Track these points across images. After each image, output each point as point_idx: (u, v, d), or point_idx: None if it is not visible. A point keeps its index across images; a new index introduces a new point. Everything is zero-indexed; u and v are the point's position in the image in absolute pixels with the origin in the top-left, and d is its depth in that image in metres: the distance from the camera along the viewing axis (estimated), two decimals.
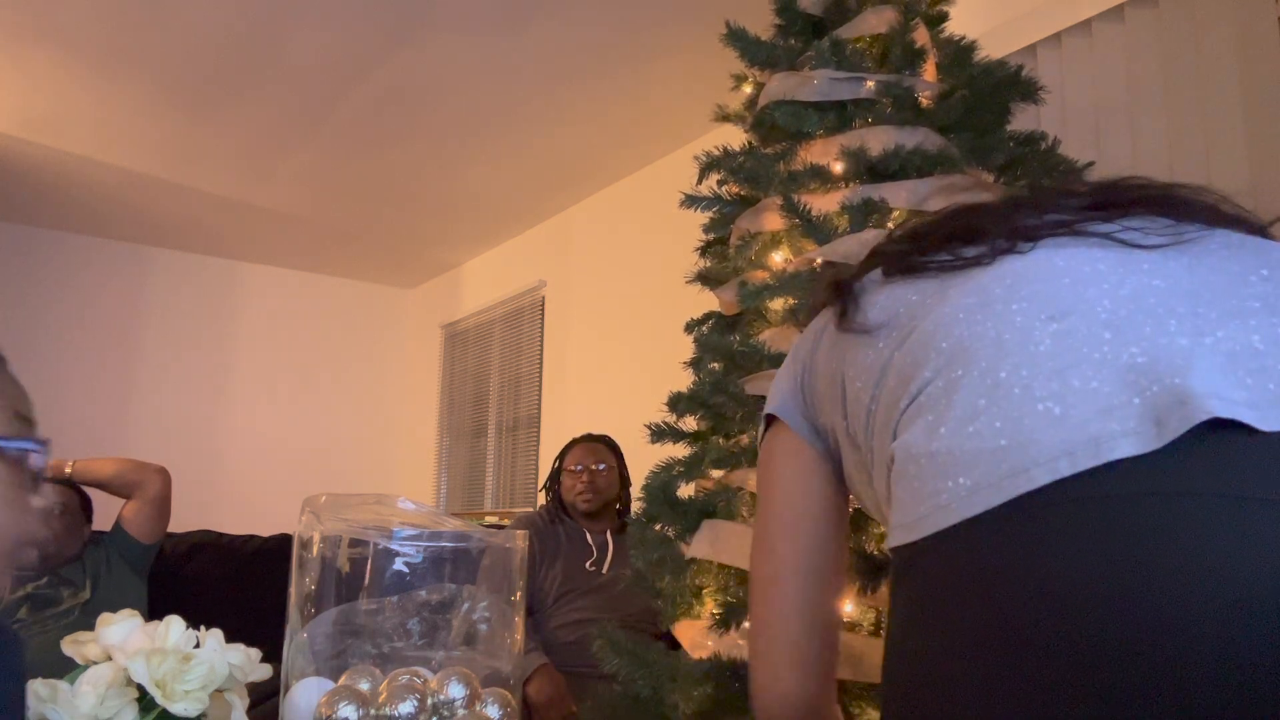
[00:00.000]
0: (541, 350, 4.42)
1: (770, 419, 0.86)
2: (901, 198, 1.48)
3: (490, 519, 4.28)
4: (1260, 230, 0.72)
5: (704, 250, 1.86)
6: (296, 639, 1.10)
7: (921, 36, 1.64)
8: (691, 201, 1.78)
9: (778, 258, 1.62)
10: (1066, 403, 0.55)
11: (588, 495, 2.59)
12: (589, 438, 2.74)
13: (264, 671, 1.02)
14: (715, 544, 1.46)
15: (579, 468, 2.62)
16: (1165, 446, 0.51)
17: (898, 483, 0.63)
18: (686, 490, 1.61)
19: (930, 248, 0.74)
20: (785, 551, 0.80)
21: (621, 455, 2.72)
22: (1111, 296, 0.60)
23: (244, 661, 0.99)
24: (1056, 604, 0.50)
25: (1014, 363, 0.59)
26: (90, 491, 2.56)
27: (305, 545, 1.11)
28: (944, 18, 1.77)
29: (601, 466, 2.63)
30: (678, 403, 1.64)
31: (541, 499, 2.80)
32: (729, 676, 1.30)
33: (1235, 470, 0.50)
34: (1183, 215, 0.70)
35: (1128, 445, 0.52)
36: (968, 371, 0.61)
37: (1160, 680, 0.46)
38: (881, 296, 0.75)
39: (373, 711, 0.99)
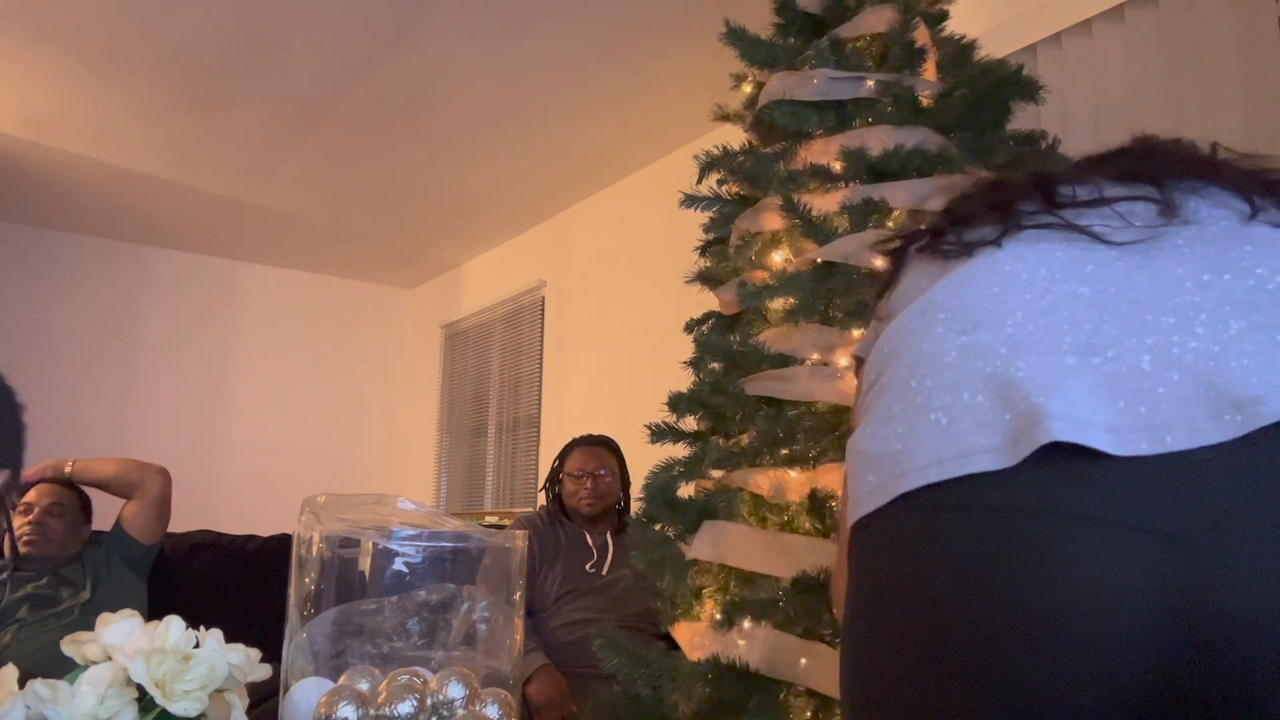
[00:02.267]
0: (541, 350, 4.41)
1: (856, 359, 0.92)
2: (901, 197, 1.48)
3: (490, 519, 4.28)
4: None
5: (704, 250, 1.86)
6: (296, 639, 1.10)
7: (922, 36, 1.64)
8: (691, 201, 1.78)
9: (778, 257, 1.62)
10: (952, 414, 0.60)
11: (590, 501, 2.59)
12: (589, 439, 2.73)
13: (264, 671, 1.02)
14: (716, 545, 1.46)
15: (580, 474, 2.62)
16: (1020, 463, 0.55)
17: (847, 473, 0.70)
18: (687, 490, 1.61)
19: (960, 222, 0.78)
20: None
21: (622, 456, 2.72)
22: (1026, 309, 0.64)
23: (244, 661, 0.98)
24: (913, 593, 0.57)
25: (923, 373, 0.65)
26: (90, 491, 2.56)
27: (305, 545, 1.11)
28: (944, 16, 1.77)
29: (603, 472, 2.62)
30: (678, 403, 1.64)
31: (541, 499, 2.80)
32: (729, 677, 1.30)
33: (1077, 491, 0.53)
34: (1199, 196, 0.70)
35: (987, 460, 0.56)
36: (892, 377, 0.68)
37: (986, 667, 0.53)
38: (905, 281, 0.80)
39: (372, 711, 0.99)
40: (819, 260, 1.49)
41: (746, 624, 1.36)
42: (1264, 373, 0.54)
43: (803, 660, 1.27)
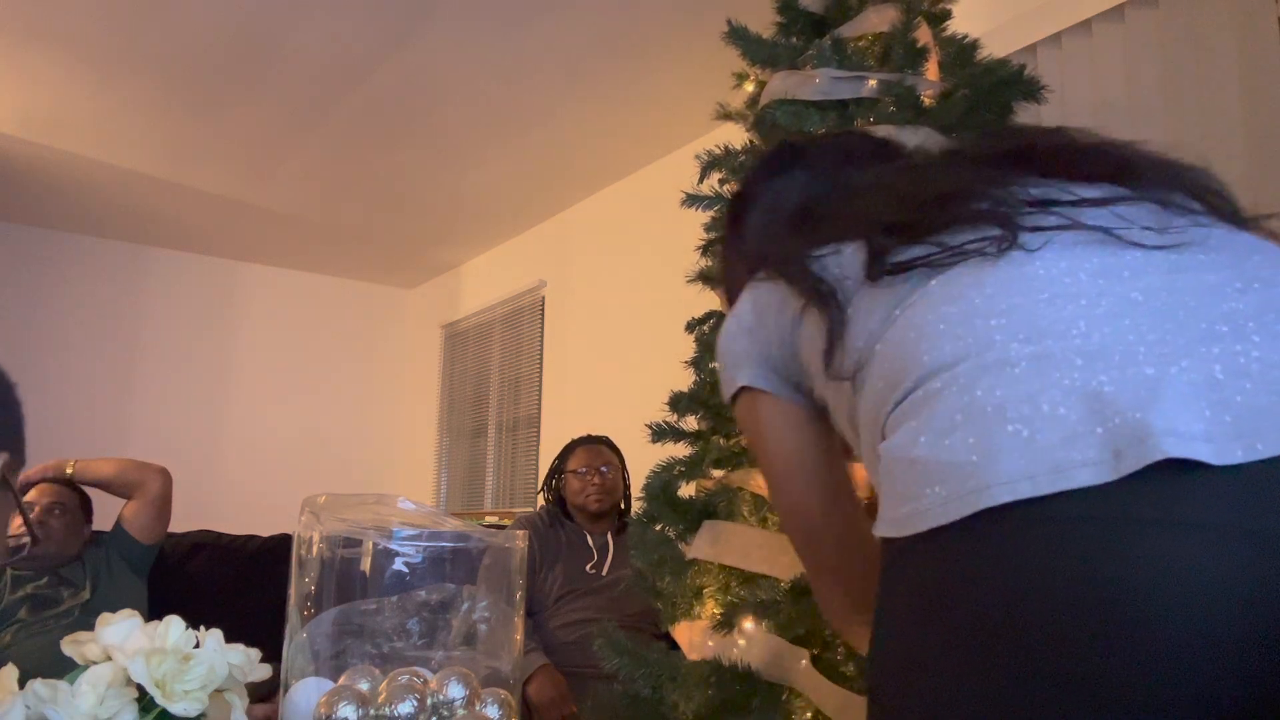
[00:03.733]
0: (541, 350, 4.41)
1: (742, 390, 0.93)
2: None
3: (490, 519, 4.28)
4: (1246, 223, 0.75)
5: (704, 250, 1.86)
6: (296, 639, 1.10)
7: (924, 35, 1.64)
8: (692, 201, 1.78)
9: None
10: (1034, 426, 0.59)
11: (598, 497, 2.59)
12: (590, 439, 2.73)
13: (264, 671, 1.02)
14: (716, 544, 1.46)
15: (585, 470, 2.62)
16: (1116, 479, 0.55)
17: (884, 480, 0.68)
18: (687, 490, 1.61)
19: (915, 227, 0.77)
20: (806, 501, 0.91)
21: (621, 455, 2.72)
22: (1087, 317, 0.64)
23: (244, 661, 0.98)
24: (1005, 608, 0.56)
25: (989, 382, 0.63)
26: (90, 491, 2.56)
27: (305, 545, 1.11)
28: (946, 15, 1.77)
29: (607, 468, 2.63)
30: (678, 402, 1.64)
31: (540, 500, 2.80)
32: (730, 679, 1.30)
33: (1182, 501, 0.54)
34: (1175, 203, 0.73)
35: (1086, 475, 0.56)
36: (947, 386, 0.65)
37: (1084, 676, 0.53)
38: (861, 315, 0.78)
39: (372, 711, 0.99)
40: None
41: (748, 625, 1.36)
42: None
43: (802, 664, 1.27)
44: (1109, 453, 0.56)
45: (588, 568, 2.55)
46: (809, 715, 1.27)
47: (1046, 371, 0.62)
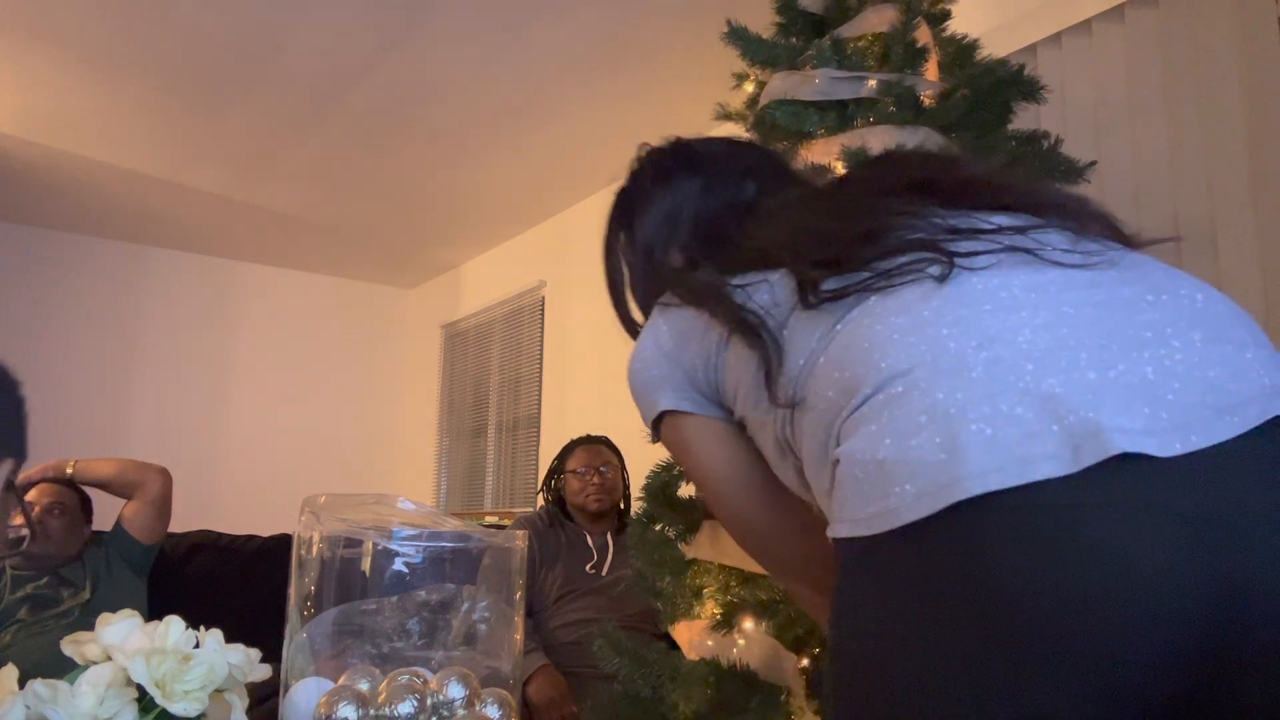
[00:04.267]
0: (541, 350, 4.41)
1: (665, 414, 0.97)
2: None
3: (490, 519, 4.28)
4: (1136, 244, 0.82)
5: None
6: (296, 639, 1.10)
7: (923, 35, 1.64)
8: None
9: None
10: (996, 425, 0.64)
11: (599, 496, 2.59)
12: (590, 439, 2.73)
13: (264, 671, 1.02)
14: (716, 544, 1.46)
15: (584, 470, 2.62)
16: (1077, 471, 0.61)
17: (844, 483, 0.72)
18: (687, 490, 1.61)
19: (848, 262, 0.81)
20: (743, 507, 0.96)
21: (621, 455, 2.72)
22: (1029, 325, 0.70)
23: (244, 661, 0.98)
24: (989, 590, 0.61)
25: (950, 385, 0.68)
26: (91, 492, 2.56)
27: (305, 545, 1.11)
28: (946, 16, 1.77)
29: (606, 468, 2.63)
30: None
31: (540, 500, 2.80)
32: (729, 679, 1.30)
33: (1138, 487, 0.61)
34: (1080, 227, 0.80)
35: (1049, 467, 0.61)
36: (908, 390, 0.70)
37: (1073, 646, 0.59)
38: (799, 338, 0.83)
39: (372, 711, 0.99)
40: None
41: (747, 625, 1.36)
42: (1237, 379, 0.65)
43: (801, 665, 1.27)
44: (1067, 448, 0.62)
45: (587, 568, 2.55)
46: (809, 715, 1.27)
47: (1001, 375, 0.67)
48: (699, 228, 1.03)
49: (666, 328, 0.97)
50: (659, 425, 0.99)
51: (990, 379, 0.67)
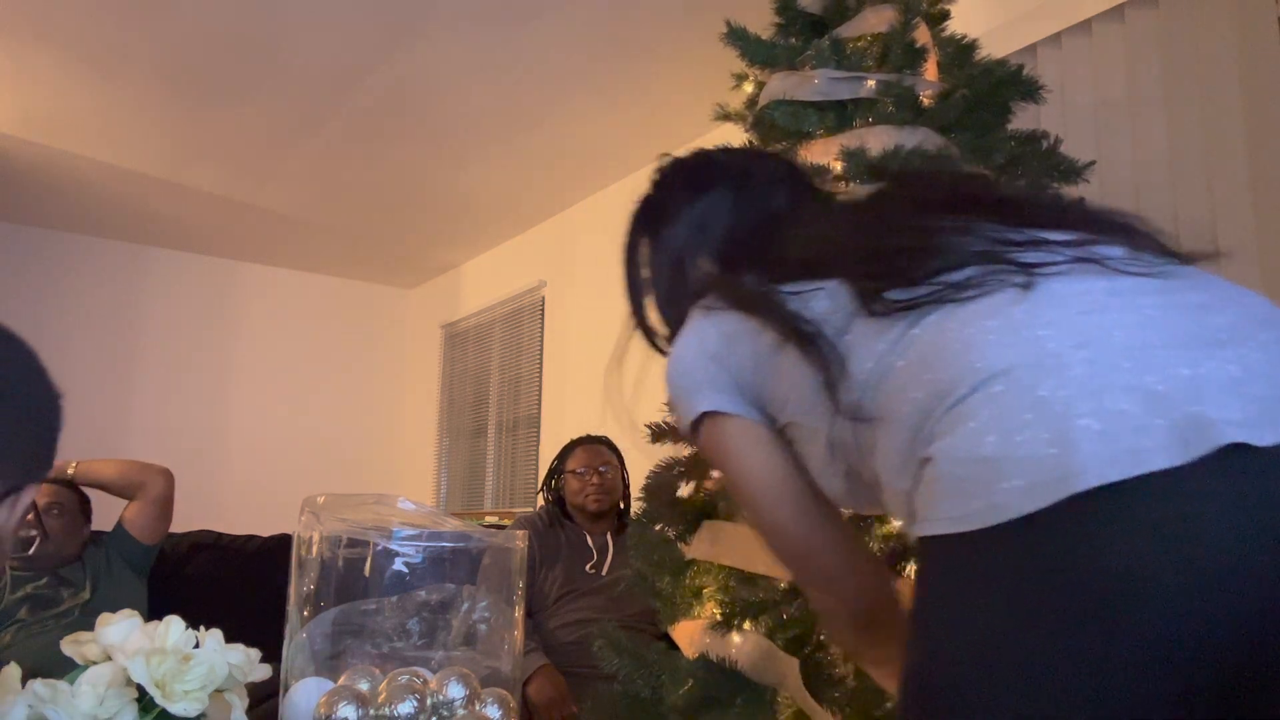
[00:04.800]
0: (541, 350, 4.41)
1: (705, 415, 0.97)
2: None
3: (490, 519, 4.28)
4: (1187, 258, 0.84)
5: None
6: (296, 639, 1.10)
7: (922, 35, 1.64)
8: None
9: None
10: (1103, 420, 0.66)
11: (598, 496, 2.59)
12: (589, 439, 2.73)
13: (264, 671, 1.02)
14: (715, 545, 1.46)
15: (584, 470, 2.61)
16: (1190, 461, 0.63)
17: (939, 480, 0.72)
18: (687, 490, 1.61)
19: (912, 274, 0.82)
20: (782, 512, 0.95)
21: (621, 455, 2.72)
22: (1121, 326, 0.72)
23: (244, 661, 0.98)
24: (1108, 580, 0.63)
25: (1052, 383, 0.69)
26: (91, 492, 2.56)
27: (305, 545, 1.11)
28: (945, 16, 1.77)
29: (606, 468, 2.62)
30: None
31: (540, 500, 2.80)
32: (716, 673, 1.30)
33: (1245, 476, 0.63)
34: (1137, 243, 0.82)
35: (1162, 458, 0.63)
36: (1009, 388, 0.71)
37: (1193, 631, 0.61)
38: (864, 343, 0.83)
39: (372, 711, 0.99)
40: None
41: (747, 625, 1.36)
42: None
43: (794, 670, 1.27)
44: (1177, 440, 0.64)
45: (587, 567, 2.55)
46: (792, 712, 1.27)
47: (1102, 372, 0.69)
48: (734, 236, 1.04)
49: (713, 329, 0.97)
50: (698, 427, 0.98)
51: (1092, 376, 0.69)
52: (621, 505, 2.70)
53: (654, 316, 1.13)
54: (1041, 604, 0.65)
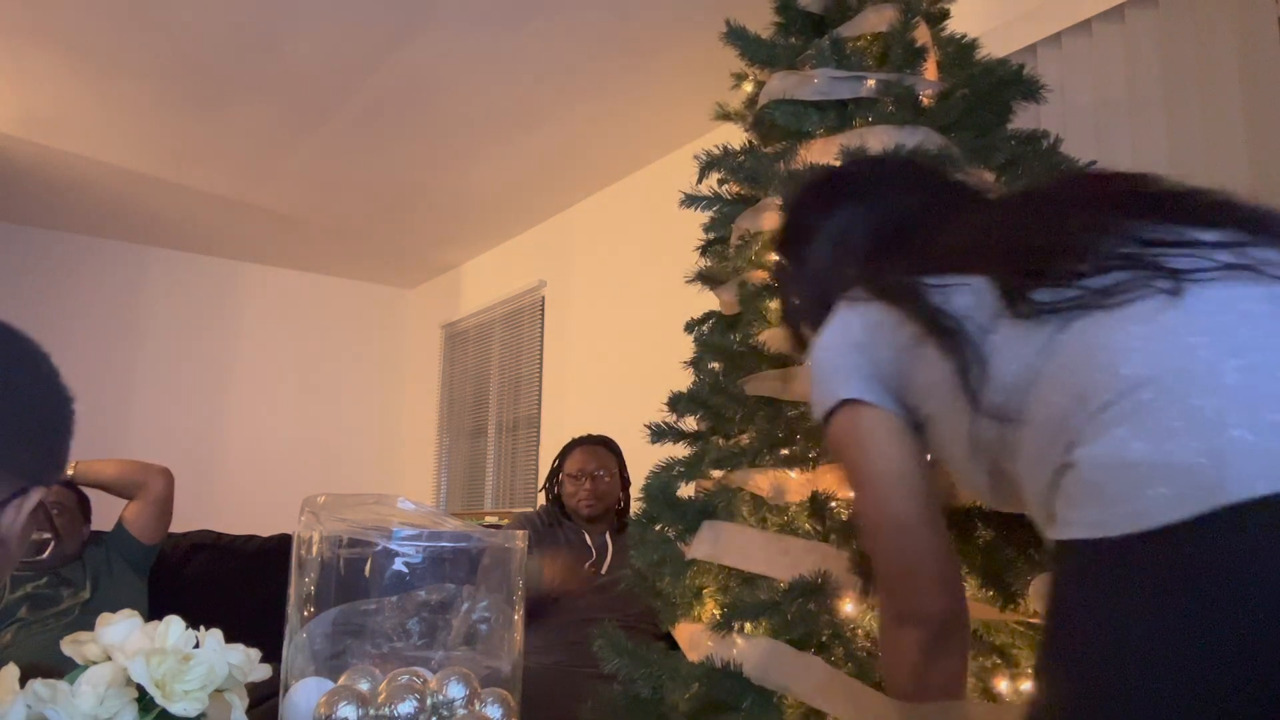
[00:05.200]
0: (541, 350, 4.41)
1: (845, 402, 0.97)
2: None
3: (490, 519, 4.28)
4: None
5: (704, 250, 1.86)
6: (296, 639, 1.10)
7: (922, 35, 1.64)
8: (691, 201, 1.78)
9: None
10: (1256, 431, 0.65)
11: (589, 502, 2.59)
12: (589, 439, 2.73)
13: (264, 671, 1.02)
14: (716, 545, 1.46)
15: (579, 475, 2.61)
16: None
17: (1081, 485, 0.72)
18: (687, 490, 1.61)
19: (1058, 275, 0.82)
20: (906, 510, 0.95)
21: (621, 456, 2.72)
22: (1276, 334, 0.71)
23: (244, 661, 0.98)
24: (1255, 593, 0.62)
25: (1204, 392, 0.69)
26: (91, 492, 2.56)
27: (305, 545, 1.11)
28: (945, 15, 1.77)
29: (602, 473, 2.62)
30: (678, 403, 1.64)
31: (541, 499, 2.80)
32: (720, 676, 1.30)
33: None
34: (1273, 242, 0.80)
35: None
36: (1159, 396, 0.70)
37: None
38: (1011, 347, 0.83)
39: (372, 711, 0.99)
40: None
41: (747, 626, 1.36)
42: None
43: (797, 670, 1.27)
44: None
45: (586, 566, 2.55)
46: (801, 715, 1.27)
47: (1257, 383, 0.68)
48: (874, 240, 1.05)
49: (857, 320, 0.98)
50: (834, 414, 0.98)
51: (1246, 387, 0.68)
52: (620, 505, 2.69)
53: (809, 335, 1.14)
54: (1185, 613, 0.64)
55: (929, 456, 0.99)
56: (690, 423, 1.67)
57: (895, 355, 0.94)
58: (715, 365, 1.63)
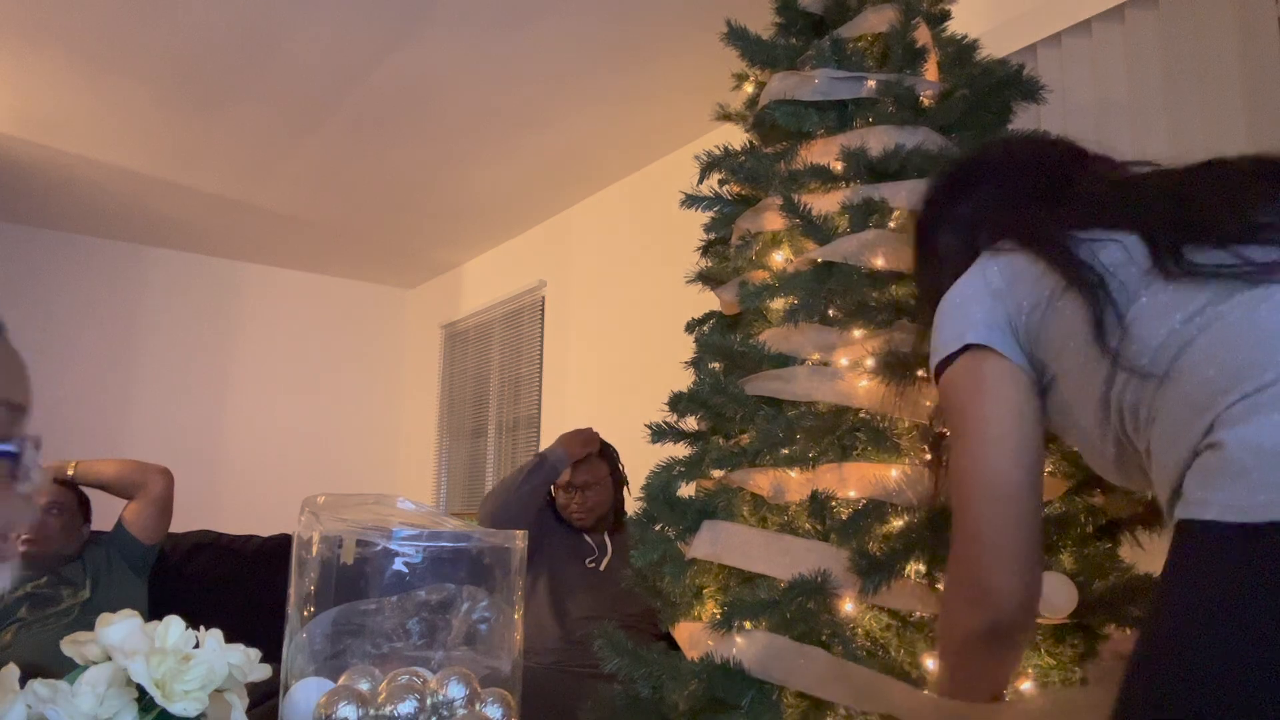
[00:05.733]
0: (541, 350, 4.41)
1: (969, 347, 0.93)
2: (902, 198, 1.48)
3: None
4: None
5: (704, 250, 1.86)
6: (296, 639, 1.10)
7: (923, 35, 1.64)
8: (692, 201, 1.78)
9: (778, 257, 1.62)
10: None
11: (581, 515, 2.59)
12: None
13: (264, 671, 1.02)
14: (716, 544, 1.46)
15: (570, 488, 2.60)
16: None
17: (1224, 467, 0.70)
18: (687, 490, 1.61)
19: (1214, 232, 0.78)
20: (1011, 470, 0.89)
21: (615, 458, 2.71)
22: None
23: (244, 661, 0.98)
24: None
25: None
26: (91, 491, 2.56)
27: (305, 545, 1.11)
28: (946, 16, 1.77)
29: (592, 486, 2.60)
30: (678, 402, 1.64)
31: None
32: (720, 675, 1.30)
33: None
34: None
35: None
36: None
37: None
38: (1158, 310, 0.79)
39: (372, 711, 0.99)
40: (819, 260, 1.49)
41: (747, 624, 1.36)
42: None
43: (800, 663, 1.27)
44: None
45: (586, 563, 2.56)
46: (801, 713, 1.27)
47: None
48: (1026, 193, 1.01)
49: (997, 268, 0.94)
50: (954, 359, 0.93)
51: None
52: (616, 506, 2.69)
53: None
54: None
55: (1050, 425, 0.94)
56: (690, 423, 1.67)
57: (1033, 307, 0.89)
58: (715, 365, 1.63)
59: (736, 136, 1.81)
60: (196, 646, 0.97)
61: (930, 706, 1.07)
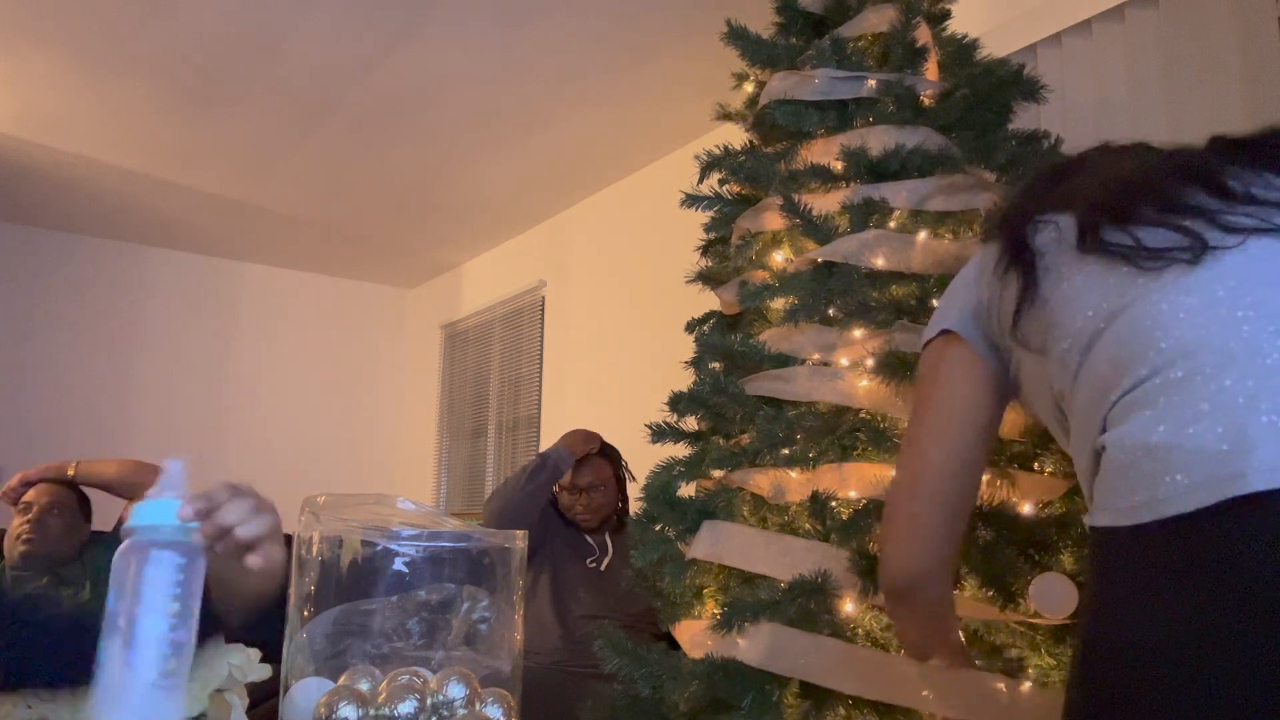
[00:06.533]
0: (541, 350, 4.41)
1: (943, 332, 0.94)
2: (902, 197, 1.48)
3: None
4: None
5: (704, 250, 1.86)
6: (296, 639, 1.10)
7: (923, 35, 1.64)
8: (692, 201, 1.78)
9: (778, 257, 1.62)
10: None
11: (586, 516, 2.59)
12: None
13: (264, 671, 1.02)
14: (716, 545, 1.46)
15: (574, 489, 2.60)
16: None
17: (1109, 469, 0.69)
18: (687, 490, 1.61)
19: (1129, 217, 0.77)
20: (934, 454, 0.91)
21: (618, 459, 2.70)
22: None
23: (244, 661, 0.98)
24: (1262, 591, 0.58)
25: (1240, 373, 0.64)
26: (91, 491, 2.56)
27: (305, 545, 1.11)
28: (946, 15, 1.77)
29: (596, 487, 2.60)
30: (678, 402, 1.64)
31: None
32: (720, 675, 1.30)
33: None
34: None
35: None
36: (1190, 375, 0.66)
37: None
38: (1078, 277, 0.79)
39: (372, 711, 0.99)
40: (819, 260, 1.49)
41: (747, 625, 1.36)
42: None
43: (804, 655, 1.27)
44: None
45: (587, 562, 2.56)
46: (801, 711, 1.27)
47: None
48: (1040, 178, 1.02)
49: (978, 258, 0.96)
50: (927, 347, 0.97)
51: None
52: (620, 505, 2.69)
53: None
54: (1199, 607, 0.60)
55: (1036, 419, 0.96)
56: (691, 423, 1.67)
57: (993, 292, 0.91)
58: (715, 365, 1.63)
59: (736, 136, 1.81)
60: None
61: (938, 693, 1.07)
